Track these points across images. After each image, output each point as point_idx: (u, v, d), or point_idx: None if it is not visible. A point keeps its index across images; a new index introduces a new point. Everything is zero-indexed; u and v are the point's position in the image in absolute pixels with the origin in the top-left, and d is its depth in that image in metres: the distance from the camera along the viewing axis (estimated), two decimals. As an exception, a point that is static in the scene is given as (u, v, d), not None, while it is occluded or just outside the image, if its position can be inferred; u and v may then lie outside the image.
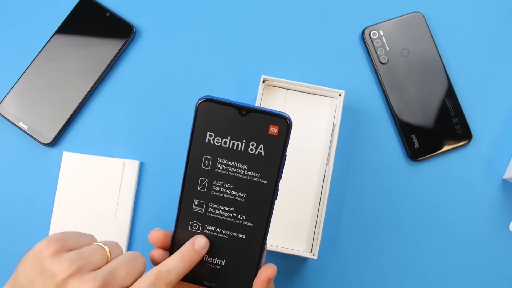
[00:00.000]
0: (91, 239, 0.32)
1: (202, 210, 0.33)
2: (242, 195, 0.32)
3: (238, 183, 0.32)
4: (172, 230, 0.34)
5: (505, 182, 0.51)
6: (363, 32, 0.53)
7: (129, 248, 0.50)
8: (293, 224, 0.48)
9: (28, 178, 0.52)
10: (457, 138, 0.51)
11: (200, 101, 0.32)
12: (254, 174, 0.32)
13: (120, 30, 0.53)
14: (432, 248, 0.50)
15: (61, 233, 0.30)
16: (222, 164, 0.32)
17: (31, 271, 0.28)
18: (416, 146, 0.51)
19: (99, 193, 0.50)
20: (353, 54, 0.53)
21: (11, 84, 0.52)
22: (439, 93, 0.52)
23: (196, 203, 0.33)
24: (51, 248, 0.29)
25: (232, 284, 0.33)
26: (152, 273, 0.30)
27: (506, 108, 0.52)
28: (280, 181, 0.32)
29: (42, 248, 0.29)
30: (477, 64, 0.53)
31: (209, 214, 0.33)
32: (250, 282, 0.33)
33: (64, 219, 0.50)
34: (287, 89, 0.50)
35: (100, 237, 0.49)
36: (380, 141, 0.52)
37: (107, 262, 0.30)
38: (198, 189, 0.33)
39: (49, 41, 0.53)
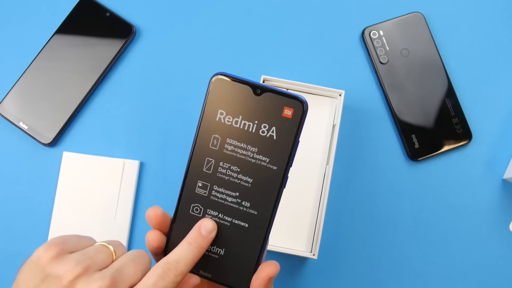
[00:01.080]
0: (91, 240, 0.31)
1: (205, 193, 0.31)
2: (248, 180, 0.30)
3: (245, 166, 0.30)
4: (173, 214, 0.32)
5: (505, 182, 0.51)
6: (363, 32, 0.53)
7: (129, 248, 0.50)
8: (293, 224, 0.48)
9: (28, 178, 0.52)
10: (457, 138, 0.51)
11: (214, 77, 0.30)
12: (264, 158, 0.30)
13: (120, 30, 0.53)
14: (432, 248, 0.50)
15: (59, 237, 0.29)
16: (231, 145, 0.30)
17: (33, 279, 0.27)
18: (416, 146, 0.51)
19: (99, 193, 0.50)
20: (353, 54, 0.53)
21: (11, 84, 0.52)
22: (439, 93, 0.52)
23: (200, 184, 0.31)
24: (51, 252, 0.27)
25: (230, 276, 0.31)
26: (159, 266, 0.28)
27: (506, 108, 0.52)
28: (290, 168, 0.30)
29: (41, 254, 0.28)
30: (477, 64, 0.53)
31: (213, 197, 0.31)
32: (249, 276, 0.31)
33: (64, 219, 0.50)
34: (287, 89, 0.50)
35: (100, 237, 0.50)
36: (380, 141, 0.52)
37: (112, 261, 0.29)
38: (204, 169, 0.31)
39: (49, 41, 0.53)
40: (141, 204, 0.51)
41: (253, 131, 0.30)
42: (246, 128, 0.30)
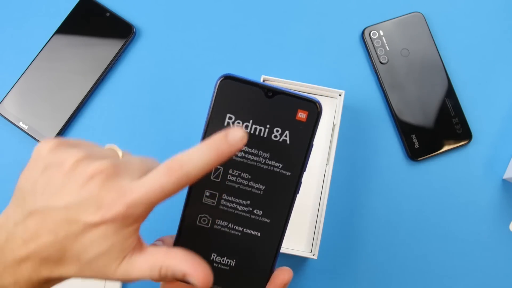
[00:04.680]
0: (93, 145, 0.29)
1: (214, 203, 0.29)
2: (260, 187, 0.29)
3: (257, 173, 0.29)
4: (175, 233, 0.31)
5: (505, 182, 0.51)
6: (363, 32, 0.53)
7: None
8: (293, 224, 0.48)
9: (28, 178, 0.52)
10: (457, 138, 0.51)
11: (220, 79, 0.28)
12: (277, 164, 0.29)
13: (120, 30, 0.53)
14: (432, 248, 0.50)
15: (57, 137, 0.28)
16: (241, 150, 0.29)
17: (33, 173, 0.26)
18: (416, 146, 0.51)
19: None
20: (353, 54, 0.53)
21: (11, 84, 0.52)
22: (439, 93, 0.52)
23: (207, 194, 0.29)
24: (50, 144, 0.26)
25: (243, 287, 0.30)
26: (165, 163, 0.25)
27: (506, 108, 0.52)
28: (304, 173, 0.29)
29: (39, 147, 0.26)
30: (477, 64, 0.53)
31: (222, 207, 0.29)
32: (263, 286, 0.29)
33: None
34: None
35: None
36: (380, 141, 0.52)
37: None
38: (212, 178, 0.29)
39: (49, 41, 0.53)
40: (141, 204, 0.51)
41: (265, 135, 0.29)
42: (257, 133, 0.29)
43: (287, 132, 0.28)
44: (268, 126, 0.29)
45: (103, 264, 0.25)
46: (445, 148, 0.51)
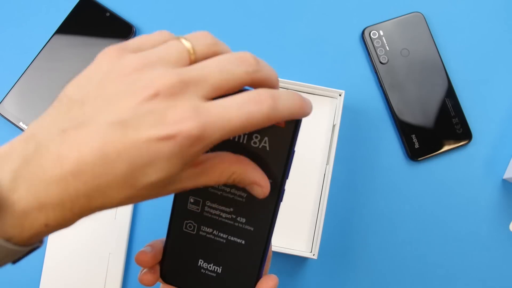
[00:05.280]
0: (161, 35, 0.24)
1: (198, 209, 0.29)
2: (242, 194, 0.28)
3: None
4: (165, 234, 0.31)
5: (505, 182, 0.51)
6: (363, 32, 0.53)
7: (129, 249, 0.50)
8: (293, 224, 0.48)
9: (28, 178, 0.52)
10: (457, 138, 0.51)
11: None
12: None
13: (120, 30, 0.53)
14: (432, 248, 0.50)
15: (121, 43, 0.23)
16: None
17: (86, 82, 0.22)
18: (416, 146, 0.51)
19: (99, 193, 0.50)
20: (353, 54, 0.53)
21: (11, 84, 0.52)
22: (439, 93, 0.52)
23: (191, 200, 0.29)
24: (112, 50, 0.22)
25: None
26: (254, 90, 0.22)
27: (506, 108, 0.52)
28: (287, 180, 0.28)
29: (100, 56, 0.22)
30: (477, 64, 0.53)
31: (206, 214, 0.29)
32: None
33: (64, 219, 0.50)
34: (287, 89, 0.50)
35: (100, 237, 0.50)
36: (380, 141, 0.52)
37: (190, 62, 0.22)
38: None
39: (49, 41, 0.53)
40: (141, 204, 0.51)
41: (244, 142, 0.27)
42: (236, 139, 0.27)
43: (266, 138, 0.27)
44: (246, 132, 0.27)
45: (161, 186, 0.22)
46: (445, 148, 0.51)
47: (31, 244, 0.22)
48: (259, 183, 0.25)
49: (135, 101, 0.20)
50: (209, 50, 0.23)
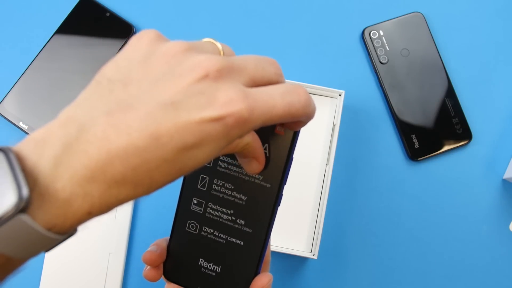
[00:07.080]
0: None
1: (200, 210, 0.31)
2: (242, 197, 0.30)
3: (239, 184, 0.30)
4: (169, 235, 0.32)
5: (505, 182, 0.51)
6: (363, 32, 0.53)
7: (129, 249, 0.50)
8: (293, 224, 0.48)
9: (28, 178, 0.52)
10: (457, 138, 0.51)
11: None
12: (257, 176, 0.30)
13: (120, 30, 0.53)
14: (432, 248, 0.50)
15: None
16: (224, 162, 0.30)
17: (128, 62, 0.21)
18: (416, 146, 0.51)
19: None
20: (353, 54, 0.53)
21: (11, 84, 0.52)
22: (439, 93, 0.52)
23: (195, 201, 0.31)
24: (152, 32, 0.22)
25: None
26: (291, 85, 0.23)
27: (506, 108, 0.52)
28: (285, 186, 0.30)
29: (139, 35, 0.22)
30: (477, 64, 0.53)
31: (208, 215, 0.31)
32: None
33: (64, 219, 0.50)
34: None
35: (100, 237, 0.50)
36: (380, 141, 0.52)
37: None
38: (198, 187, 0.31)
39: (49, 41, 0.53)
40: (141, 204, 0.51)
41: None
42: None
43: (266, 145, 0.29)
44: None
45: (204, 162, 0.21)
46: (445, 148, 0.51)
47: (70, 231, 0.21)
48: (259, 159, 0.27)
49: (184, 82, 0.20)
50: (233, 54, 0.25)
